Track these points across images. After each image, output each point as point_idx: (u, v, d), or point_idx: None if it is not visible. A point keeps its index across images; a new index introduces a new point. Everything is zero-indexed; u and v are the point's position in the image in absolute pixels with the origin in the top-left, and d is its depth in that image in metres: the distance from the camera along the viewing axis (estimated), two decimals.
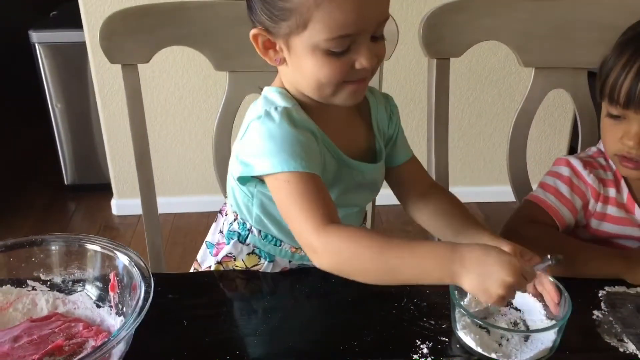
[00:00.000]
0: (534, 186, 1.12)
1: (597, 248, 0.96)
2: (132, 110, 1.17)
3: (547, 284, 0.81)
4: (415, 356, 0.77)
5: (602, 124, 0.97)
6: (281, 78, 0.89)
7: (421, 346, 0.78)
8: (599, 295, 0.87)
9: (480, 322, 0.77)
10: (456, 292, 0.79)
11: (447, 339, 0.80)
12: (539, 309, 0.83)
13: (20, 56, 2.62)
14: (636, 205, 0.99)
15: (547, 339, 0.77)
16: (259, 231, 0.97)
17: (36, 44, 2.42)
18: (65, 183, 2.69)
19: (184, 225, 2.43)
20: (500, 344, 0.77)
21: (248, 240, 0.97)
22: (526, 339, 0.78)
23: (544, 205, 1.00)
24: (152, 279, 0.75)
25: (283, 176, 0.78)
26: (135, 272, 0.77)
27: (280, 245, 0.97)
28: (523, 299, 0.84)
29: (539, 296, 0.82)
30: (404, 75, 2.38)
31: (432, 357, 0.77)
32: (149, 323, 0.71)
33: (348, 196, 0.93)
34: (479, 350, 0.77)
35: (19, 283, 0.84)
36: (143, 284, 0.74)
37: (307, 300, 0.87)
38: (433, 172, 1.27)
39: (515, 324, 0.83)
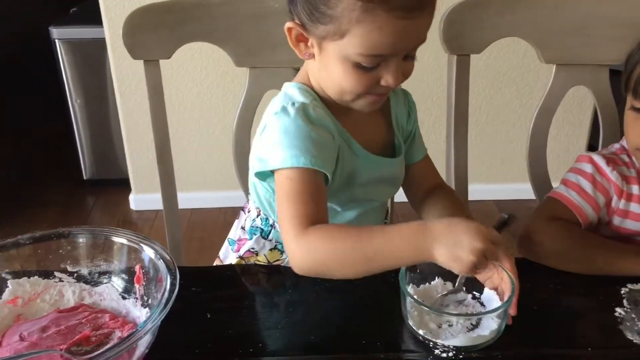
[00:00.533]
0: (554, 184, 1.11)
1: (620, 245, 0.96)
2: (153, 106, 1.18)
3: (505, 278, 0.80)
4: (437, 351, 0.77)
5: (626, 118, 0.97)
6: (307, 71, 0.90)
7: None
8: (622, 292, 0.87)
9: (423, 304, 0.77)
10: (407, 278, 0.80)
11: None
12: (497, 301, 0.82)
13: (40, 52, 2.65)
14: None
15: (488, 327, 0.77)
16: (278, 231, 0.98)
17: (56, 40, 2.44)
18: (84, 178, 2.72)
19: (201, 220, 2.45)
20: (441, 327, 0.78)
21: (270, 236, 0.98)
22: (472, 327, 0.79)
23: (567, 202, 1.00)
24: (177, 271, 0.76)
25: (288, 172, 0.80)
26: (161, 264, 0.78)
27: None
28: (489, 295, 0.84)
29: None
30: (421, 72, 2.38)
31: (454, 352, 0.77)
32: (173, 315, 0.72)
33: (368, 190, 0.94)
34: (420, 332, 0.78)
35: (47, 274, 0.85)
36: (169, 277, 0.75)
37: (329, 294, 0.88)
38: (452, 170, 1.27)
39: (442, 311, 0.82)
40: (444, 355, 0.76)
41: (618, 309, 0.84)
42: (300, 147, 0.80)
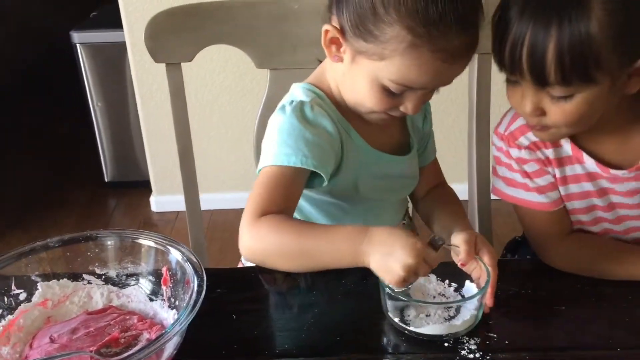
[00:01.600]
0: None
1: (631, 248, 0.94)
2: (175, 108, 1.19)
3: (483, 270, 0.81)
4: (463, 352, 0.77)
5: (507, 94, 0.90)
6: (324, 70, 0.90)
7: (470, 341, 0.79)
8: None
9: (400, 296, 0.79)
10: None
11: (495, 335, 0.80)
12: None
13: (62, 56, 2.68)
14: (583, 153, 0.92)
15: (463, 316, 0.79)
16: None
17: (77, 45, 2.47)
18: (105, 180, 2.75)
19: (221, 221, 2.46)
20: (418, 317, 0.80)
21: None
22: (450, 318, 0.80)
23: (530, 206, 0.95)
24: (204, 274, 0.77)
25: (275, 167, 0.81)
26: (188, 267, 0.79)
27: None
28: (469, 288, 0.85)
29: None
30: None
31: (481, 353, 0.77)
32: (199, 316, 0.73)
33: (377, 189, 0.94)
34: (396, 320, 0.79)
35: (75, 277, 0.86)
36: (196, 279, 0.76)
37: (355, 295, 0.88)
38: (474, 169, 1.27)
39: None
40: (471, 356, 0.76)
41: None
42: (293, 146, 0.82)
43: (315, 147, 0.83)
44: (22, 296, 0.83)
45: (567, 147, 0.93)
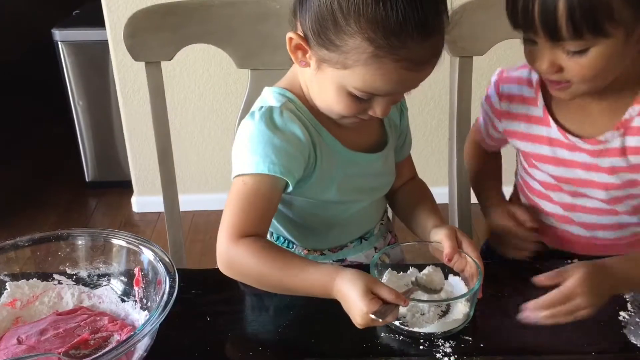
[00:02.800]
0: None
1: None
2: (154, 108, 1.18)
3: (470, 263, 0.84)
4: (438, 355, 0.77)
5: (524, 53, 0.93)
6: (296, 74, 0.89)
7: (445, 344, 0.78)
8: (626, 297, 0.86)
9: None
10: (376, 271, 0.84)
11: (469, 338, 0.79)
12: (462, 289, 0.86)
13: (43, 54, 2.65)
14: (550, 118, 0.97)
15: (459, 312, 0.81)
16: (271, 233, 0.98)
17: (59, 42, 2.44)
18: (87, 180, 2.72)
19: (203, 222, 2.44)
20: (415, 316, 0.81)
21: None
22: (442, 314, 0.82)
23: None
24: (176, 274, 0.76)
25: (246, 177, 0.82)
26: (160, 267, 0.78)
27: (292, 247, 0.98)
28: (454, 280, 0.88)
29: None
30: None
31: (456, 356, 0.76)
32: (172, 318, 0.72)
33: (356, 187, 0.94)
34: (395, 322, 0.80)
35: (45, 277, 0.85)
36: (168, 279, 0.75)
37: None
38: (455, 172, 1.27)
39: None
40: (445, 359, 0.76)
41: (622, 313, 0.83)
42: (261, 153, 0.82)
43: (282, 153, 0.83)
44: None
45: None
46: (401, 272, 0.88)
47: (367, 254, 1.01)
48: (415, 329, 0.79)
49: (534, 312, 0.77)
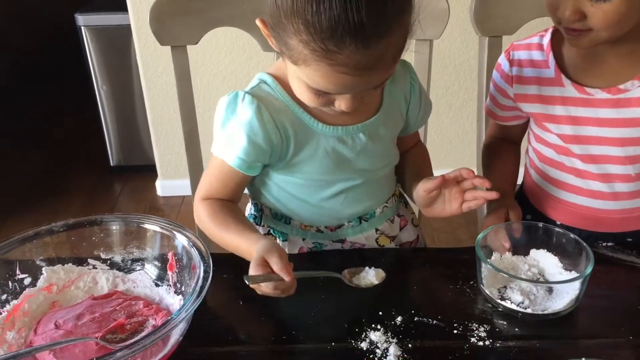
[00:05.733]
0: None
1: None
2: (181, 92, 1.18)
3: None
4: (472, 339, 0.76)
5: None
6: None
7: (479, 329, 0.78)
8: None
9: (510, 275, 0.82)
10: (482, 249, 0.84)
11: (504, 322, 0.79)
12: (555, 263, 0.86)
13: (66, 39, 2.66)
14: (563, 76, 0.96)
15: (572, 291, 0.79)
16: (270, 210, 0.98)
17: (82, 27, 2.45)
18: (111, 164, 2.74)
19: None
20: (524, 299, 0.80)
21: (262, 222, 1.00)
22: (550, 292, 0.82)
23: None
24: (210, 259, 0.76)
25: (222, 161, 0.89)
26: (194, 252, 0.78)
27: (290, 223, 0.98)
28: (537, 255, 0.87)
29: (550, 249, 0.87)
30: (448, 55, 2.34)
31: (491, 340, 0.76)
32: (205, 302, 0.72)
33: (345, 165, 0.92)
34: (506, 304, 0.80)
35: (80, 261, 0.86)
36: (202, 264, 0.75)
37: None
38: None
39: (537, 280, 0.85)
40: (480, 343, 0.75)
41: None
42: (224, 138, 0.87)
43: (255, 145, 0.85)
44: (27, 281, 0.83)
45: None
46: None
47: (367, 235, 1.00)
48: (535, 309, 0.79)
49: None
